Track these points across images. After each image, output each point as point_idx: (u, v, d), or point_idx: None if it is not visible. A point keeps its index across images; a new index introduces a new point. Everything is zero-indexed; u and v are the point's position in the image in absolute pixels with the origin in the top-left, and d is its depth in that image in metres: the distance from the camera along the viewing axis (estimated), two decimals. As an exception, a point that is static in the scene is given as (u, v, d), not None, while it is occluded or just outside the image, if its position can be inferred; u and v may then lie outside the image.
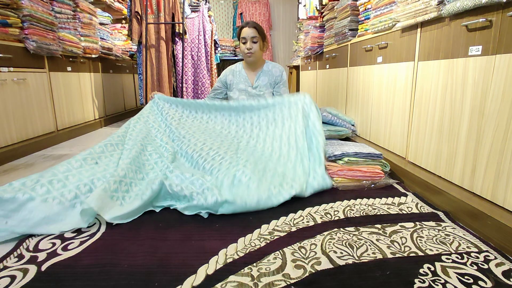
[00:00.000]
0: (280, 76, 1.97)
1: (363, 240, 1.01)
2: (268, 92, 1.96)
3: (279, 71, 1.98)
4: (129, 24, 3.16)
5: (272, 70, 1.97)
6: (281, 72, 1.98)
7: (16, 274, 0.85)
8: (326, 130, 2.20)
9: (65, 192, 1.18)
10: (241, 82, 1.95)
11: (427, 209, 1.24)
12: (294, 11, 5.81)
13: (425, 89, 1.44)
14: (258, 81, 1.95)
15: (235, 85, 1.95)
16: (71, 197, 1.18)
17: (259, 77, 1.95)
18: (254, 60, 1.89)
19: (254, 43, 1.83)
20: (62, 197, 1.16)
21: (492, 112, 1.05)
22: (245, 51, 1.85)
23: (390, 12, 1.69)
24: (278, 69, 1.98)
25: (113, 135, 1.65)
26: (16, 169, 1.85)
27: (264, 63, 1.98)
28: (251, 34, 1.82)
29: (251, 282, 0.81)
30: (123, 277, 0.84)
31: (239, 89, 1.94)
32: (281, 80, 1.97)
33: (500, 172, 1.02)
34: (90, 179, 1.28)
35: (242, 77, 1.95)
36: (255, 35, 1.82)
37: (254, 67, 1.95)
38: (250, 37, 1.82)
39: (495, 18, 1.03)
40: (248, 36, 1.82)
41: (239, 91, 1.94)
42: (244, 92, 1.94)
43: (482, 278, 0.81)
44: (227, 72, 1.99)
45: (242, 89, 1.94)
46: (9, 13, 1.99)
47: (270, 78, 1.96)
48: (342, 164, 1.55)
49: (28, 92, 2.22)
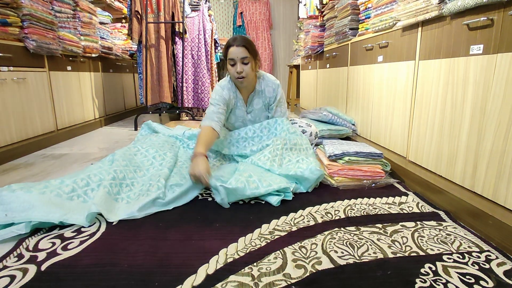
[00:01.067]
0: (274, 97, 1.71)
1: (364, 239, 1.01)
2: (263, 115, 1.77)
3: (273, 90, 1.70)
4: (129, 24, 3.16)
5: (265, 90, 1.70)
6: (275, 91, 1.70)
7: (15, 273, 0.85)
8: (326, 129, 2.20)
9: (62, 186, 1.22)
10: (238, 107, 1.73)
11: (428, 209, 1.23)
12: (295, 10, 5.81)
13: (426, 88, 1.43)
14: (251, 106, 1.74)
15: (234, 110, 1.75)
16: (68, 190, 1.21)
17: (253, 100, 1.73)
18: (246, 85, 1.63)
19: (245, 64, 1.54)
20: (59, 190, 1.19)
21: (493, 111, 1.05)
22: (235, 75, 1.55)
23: (391, 11, 1.69)
24: (272, 88, 1.70)
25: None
26: (16, 169, 1.85)
27: (256, 81, 1.69)
28: (241, 55, 1.51)
29: (251, 282, 0.81)
30: (123, 277, 0.83)
31: (236, 115, 1.76)
32: (275, 100, 1.71)
33: (501, 171, 1.02)
34: (86, 175, 1.32)
35: (239, 101, 1.72)
36: (245, 55, 1.52)
37: (246, 89, 1.69)
38: (240, 58, 1.52)
39: (496, 17, 1.03)
40: (237, 57, 1.52)
41: (236, 117, 1.76)
42: (240, 118, 1.77)
43: (483, 278, 0.81)
44: (230, 96, 1.67)
45: (239, 115, 1.75)
46: (9, 12, 1.98)
47: (264, 100, 1.73)
48: (342, 164, 1.55)
49: (28, 92, 2.21)
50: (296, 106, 4.74)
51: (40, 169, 1.84)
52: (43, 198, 1.12)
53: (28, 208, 1.07)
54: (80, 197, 1.22)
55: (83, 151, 2.30)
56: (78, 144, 2.53)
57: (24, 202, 1.08)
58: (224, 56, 1.61)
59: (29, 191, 1.13)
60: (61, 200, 1.17)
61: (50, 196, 1.15)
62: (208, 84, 3.49)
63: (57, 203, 1.14)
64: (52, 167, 1.88)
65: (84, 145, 2.49)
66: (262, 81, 1.70)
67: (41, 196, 1.13)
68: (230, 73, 1.60)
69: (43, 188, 1.17)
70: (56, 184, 1.22)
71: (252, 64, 1.57)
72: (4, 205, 1.08)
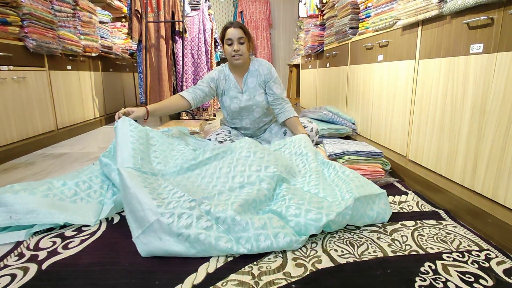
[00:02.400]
0: (269, 73, 1.82)
1: (363, 238, 1.01)
2: (259, 93, 1.83)
3: (267, 68, 1.82)
4: (129, 23, 3.15)
5: (259, 69, 1.82)
6: (269, 69, 1.83)
7: (16, 272, 0.85)
8: (326, 128, 2.21)
9: (65, 190, 1.21)
10: (231, 88, 1.83)
11: (428, 208, 1.23)
12: (294, 10, 5.80)
13: (426, 87, 1.43)
14: (246, 85, 1.82)
15: (226, 92, 1.84)
16: (71, 194, 1.21)
17: (247, 80, 1.82)
18: (242, 63, 1.75)
19: (241, 44, 1.70)
20: (62, 194, 1.19)
21: (493, 110, 1.05)
22: (232, 53, 1.71)
23: (391, 10, 1.69)
24: (265, 67, 1.83)
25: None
26: (16, 168, 1.85)
27: (249, 63, 1.84)
28: (238, 35, 1.69)
29: (251, 280, 0.81)
30: (124, 275, 0.84)
31: (230, 97, 1.83)
32: (270, 77, 1.82)
33: (501, 170, 1.02)
34: (88, 177, 1.32)
35: (232, 83, 1.83)
36: (241, 35, 1.69)
37: (240, 70, 1.81)
38: (237, 38, 1.68)
39: (496, 16, 1.03)
40: (234, 37, 1.68)
41: (230, 98, 1.83)
42: (235, 100, 1.82)
43: (483, 277, 0.81)
44: (219, 76, 1.82)
45: (232, 96, 1.82)
46: (8, 11, 1.98)
47: (259, 78, 1.82)
48: (342, 163, 1.55)
49: (28, 91, 2.21)
50: (296, 105, 4.74)
51: (41, 168, 1.84)
52: (47, 201, 1.12)
53: (32, 210, 1.06)
54: (84, 199, 1.23)
55: (84, 150, 2.30)
56: (79, 143, 2.53)
57: (28, 204, 1.07)
58: (221, 38, 1.76)
59: (32, 193, 1.12)
60: (64, 203, 1.17)
61: (53, 200, 1.15)
62: (208, 83, 3.48)
63: (60, 206, 1.14)
64: (53, 166, 1.88)
65: (85, 144, 2.49)
66: (255, 62, 1.85)
67: (44, 199, 1.13)
68: (227, 53, 1.73)
69: (46, 190, 1.17)
70: (59, 186, 1.22)
71: (247, 44, 1.74)
72: (8, 206, 1.06)
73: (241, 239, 0.92)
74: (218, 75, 1.82)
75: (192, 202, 1.02)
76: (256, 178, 1.18)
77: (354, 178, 1.23)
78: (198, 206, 1.01)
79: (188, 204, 1.00)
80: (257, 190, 1.12)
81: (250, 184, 1.16)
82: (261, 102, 1.84)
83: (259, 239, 0.91)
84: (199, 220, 0.95)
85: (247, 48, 1.73)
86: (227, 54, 1.73)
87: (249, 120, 1.90)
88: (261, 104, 1.84)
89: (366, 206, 1.10)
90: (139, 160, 1.21)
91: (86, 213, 1.15)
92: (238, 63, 1.74)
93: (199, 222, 0.94)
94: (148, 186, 1.06)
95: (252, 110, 1.86)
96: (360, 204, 1.08)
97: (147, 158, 1.29)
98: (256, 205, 1.09)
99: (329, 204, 1.09)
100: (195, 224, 0.93)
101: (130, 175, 1.07)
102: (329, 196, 1.16)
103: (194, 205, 1.00)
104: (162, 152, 1.39)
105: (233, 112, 1.86)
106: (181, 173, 1.30)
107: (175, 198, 1.04)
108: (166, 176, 1.27)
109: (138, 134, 1.35)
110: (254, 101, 1.83)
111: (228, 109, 1.86)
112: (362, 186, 1.16)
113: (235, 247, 0.90)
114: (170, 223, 0.91)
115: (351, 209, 1.03)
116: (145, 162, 1.24)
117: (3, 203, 1.07)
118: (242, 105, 1.83)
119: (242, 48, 1.70)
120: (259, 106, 1.84)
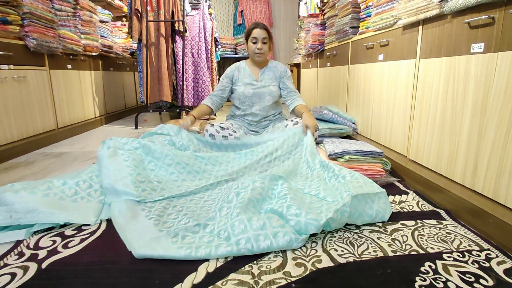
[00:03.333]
0: (285, 71, 2.06)
1: (364, 238, 1.01)
2: (273, 85, 2.02)
3: (283, 67, 2.08)
4: (130, 22, 3.15)
5: (277, 66, 2.06)
6: (285, 68, 2.08)
7: (16, 271, 0.85)
8: (327, 128, 2.20)
9: (65, 189, 1.21)
10: (245, 77, 2.02)
11: (428, 207, 1.23)
12: (295, 9, 5.79)
13: (426, 86, 1.43)
14: (262, 75, 2.03)
15: (240, 80, 2.02)
16: (71, 194, 1.21)
17: (264, 72, 2.04)
18: (263, 60, 1.99)
19: (264, 43, 1.92)
20: (62, 194, 1.19)
21: (494, 109, 1.04)
22: (255, 50, 1.93)
23: (392, 9, 1.68)
24: (283, 66, 2.08)
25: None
26: (17, 167, 1.85)
27: (268, 61, 2.08)
28: (262, 35, 1.91)
29: (251, 280, 0.81)
30: (124, 274, 0.84)
31: (244, 83, 2.00)
32: (285, 75, 2.05)
33: (502, 170, 1.02)
34: (88, 176, 1.32)
35: (247, 72, 2.03)
36: (265, 36, 1.92)
37: (259, 65, 2.04)
38: (262, 37, 1.90)
39: (497, 15, 1.03)
40: (259, 36, 1.90)
41: (244, 85, 2.00)
42: (250, 86, 1.99)
43: (483, 277, 0.81)
44: (232, 68, 2.06)
45: (247, 82, 2.00)
46: (9, 10, 1.98)
47: (275, 72, 2.04)
48: (343, 162, 1.55)
49: (28, 90, 2.21)
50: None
51: (41, 167, 1.84)
52: (47, 201, 1.12)
53: (32, 210, 1.06)
54: (84, 198, 1.23)
55: (84, 149, 2.30)
56: (79, 143, 2.53)
57: (28, 203, 1.07)
58: (246, 36, 1.98)
59: (33, 192, 1.12)
60: (65, 202, 1.17)
61: (54, 199, 1.15)
62: (209, 83, 3.48)
63: (61, 205, 1.13)
64: (53, 165, 1.88)
65: (85, 144, 2.49)
66: (274, 62, 2.11)
67: (45, 198, 1.13)
68: (250, 49, 1.96)
69: (47, 189, 1.17)
70: (59, 185, 1.22)
71: (269, 44, 1.97)
72: (8, 205, 1.06)
73: (241, 240, 0.93)
74: (233, 70, 2.05)
75: (196, 227, 1.05)
76: (249, 181, 1.20)
77: (353, 180, 1.24)
78: (203, 229, 1.04)
79: (192, 229, 1.04)
80: (250, 190, 1.14)
81: (244, 188, 1.17)
82: (274, 92, 2.01)
83: (259, 239, 0.92)
84: (201, 238, 0.99)
85: (268, 47, 1.97)
86: (250, 50, 1.96)
87: (259, 106, 2.02)
88: (273, 94, 2.01)
89: (365, 204, 1.11)
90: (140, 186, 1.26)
91: (87, 212, 1.15)
92: (259, 60, 1.97)
93: (201, 239, 0.98)
94: (153, 216, 1.12)
95: (264, 97, 2.00)
96: (358, 202, 1.09)
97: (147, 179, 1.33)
98: (255, 204, 1.09)
99: (328, 206, 1.10)
100: (197, 241, 0.97)
101: (130, 208, 1.16)
102: (329, 196, 1.18)
103: (198, 230, 1.04)
104: (162, 177, 1.41)
105: (245, 96, 2.00)
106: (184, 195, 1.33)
107: (180, 226, 1.07)
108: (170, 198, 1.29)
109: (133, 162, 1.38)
110: (267, 89, 2.00)
111: (241, 94, 2.00)
112: (361, 186, 1.17)
113: (235, 249, 0.91)
114: (174, 242, 0.96)
115: (349, 206, 1.03)
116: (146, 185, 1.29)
117: (4, 202, 1.07)
118: (256, 90, 1.99)
119: (264, 47, 1.93)
120: (271, 94, 2.01)
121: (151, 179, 1.34)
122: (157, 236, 0.98)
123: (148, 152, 1.49)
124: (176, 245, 0.94)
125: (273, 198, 1.17)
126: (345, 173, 1.32)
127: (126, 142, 1.52)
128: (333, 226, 1.04)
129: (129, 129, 3.14)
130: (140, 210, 1.16)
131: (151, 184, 1.31)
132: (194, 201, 1.28)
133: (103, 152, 1.41)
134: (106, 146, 1.46)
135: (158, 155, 1.48)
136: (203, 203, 1.26)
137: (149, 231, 1.02)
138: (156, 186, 1.32)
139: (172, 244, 0.95)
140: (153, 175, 1.39)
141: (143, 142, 1.53)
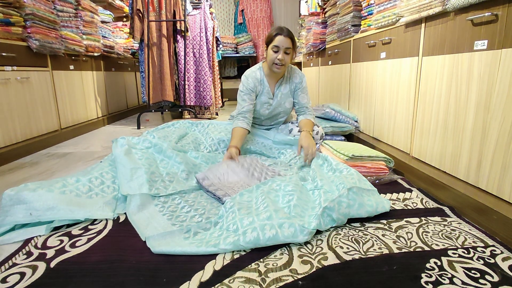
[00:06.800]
0: (300, 83, 1.84)
1: (369, 235, 1.02)
2: (288, 101, 1.85)
3: (299, 77, 1.84)
4: (131, 22, 3.16)
5: (292, 77, 1.84)
6: (301, 78, 1.84)
7: (25, 271, 0.86)
8: (329, 126, 2.21)
9: (79, 186, 1.25)
10: (263, 93, 1.82)
11: (432, 204, 1.24)
12: (296, 8, 5.78)
13: (429, 84, 1.43)
14: (278, 90, 1.83)
15: (259, 96, 1.82)
16: (86, 190, 1.25)
17: (280, 86, 1.83)
18: (281, 72, 1.74)
19: (287, 54, 1.66)
20: (77, 190, 1.23)
21: (497, 106, 1.05)
22: (275, 61, 1.65)
23: (394, 7, 1.68)
24: (298, 75, 1.84)
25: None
26: (22, 168, 1.86)
27: (285, 69, 1.80)
28: (286, 45, 1.63)
29: (258, 277, 0.82)
30: (131, 272, 0.84)
31: (261, 102, 1.83)
32: (300, 86, 1.84)
33: (506, 167, 1.02)
34: (99, 173, 1.37)
35: (265, 88, 1.81)
36: (289, 46, 1.64)
37: (276, 75, 1.80)
38: (284, 47, 1.63)
39: (501, 12, 1.03)
40: (282, 46, 1.63)
41: (261, 104, 1.83)
42: (266, 105, 1.84)
43: (489, 272, 0.82)
44: (253, 80, 1.78)
45: (264, 102, 1.83)
46: (11, 12, 1.99)
47: (291, 85, 1.84)
48: (346, 160, 1.55)
49: (31, 91, 2.22)
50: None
51: (45, 167, 1.85)
52: (65, 198, 1.15)
53: (52, 207, 1.09)
54: (98, 194, 1.27)
55: (87, 149, 2.31)
56: (82, 143, 2.54)
57: (47, 200, 1.09)
58: (267, 41, 1.70)
59: (50, 190, 1.14)
60: (81, 199, 1.20)
61: (70, 196, 1.17)
62: (210, 82, 3.48)
63: (79, 202, 1.17)
64: (57, 165, 1.89)
65: (88, 144, 2.50)
66: (290, 69, 1.86)
67: (62, 195, 1.15)
68: (270, 58, 1.68)
69: (62, 187, 1.20)
70: (73, 182, 1.26)
71: (292, 54, 1.70)
72: (27, 204, 1.08)
73: (248, 229, 0.97)
74: (254, 83, 1.78)
75: (208, 224, 1.08)
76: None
77: (348, 175, 1.29)
78: (214, 226, 1.07)
79: (204, 226, 1.07)
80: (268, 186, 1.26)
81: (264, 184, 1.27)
82: (288, 109, 1.90)
83: (265, 228, 0.95)
84: (212, 234, 1.02)
85: (290, 58, 1.70)
86: (269, 59, 1.68)
87: (270, 121, 1.96)
88: (287, 111, 1.92)
89: (363, 197, 1.15)
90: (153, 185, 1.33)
91: (104, 207, 1.19)
92: (277, 72, 1.71)
93: (212, 235, 1.01)
94: (166, 212, 1.18)
95: (278, 115, 1.92)
96: (355, 194, 1.13)
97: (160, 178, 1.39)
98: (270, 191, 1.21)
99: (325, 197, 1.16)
100: (208, 237, 1.00)
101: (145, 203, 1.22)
102: (326, 185, 1.24)
103: (209, 227, 1.07)
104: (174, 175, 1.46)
105: (260, 115, 1.88)
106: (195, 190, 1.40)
107: (193, 223, 1.11)
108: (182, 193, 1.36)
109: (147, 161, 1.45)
110: (283, 107, 1.87)
111: (257, 113, 1.87)
112: (355, 183, 1.23)
113: (242, 238, 0.94)
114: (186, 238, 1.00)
115: (345, 197, 1.09)
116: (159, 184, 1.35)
117: (22, 200, 1.09)
118: (271, 111, 1.88)
119: (286, 58, 1.66)
120: (286, 112, 1.91)
121: (164, 178, 1.40)
122: (171, 231, 1.02)
123: (160, 151, 1.58)
124: (188, 241, 0.98)
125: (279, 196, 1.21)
126: (342, 168, 1.40)
127: (137, 142, 1.61)
128: (334, 217, 1.06)
129: (131, 129, 3.15)
130: (153, 205, 1.22)
131: (163, 183, 1.37)
132: (205, 196, 1.35)
133: (118, 149, 1.48)
134: (120, 144, 1.53)
135: (170, 154, 1.57)
136: (212, 198, 1.32)
137: (162, 225, 1.08)
138: (168, 185, 1.38)
139: (184, 240, 0.98)
140: (165, 173, 1.44)
141: (154, 141, 1.62)
